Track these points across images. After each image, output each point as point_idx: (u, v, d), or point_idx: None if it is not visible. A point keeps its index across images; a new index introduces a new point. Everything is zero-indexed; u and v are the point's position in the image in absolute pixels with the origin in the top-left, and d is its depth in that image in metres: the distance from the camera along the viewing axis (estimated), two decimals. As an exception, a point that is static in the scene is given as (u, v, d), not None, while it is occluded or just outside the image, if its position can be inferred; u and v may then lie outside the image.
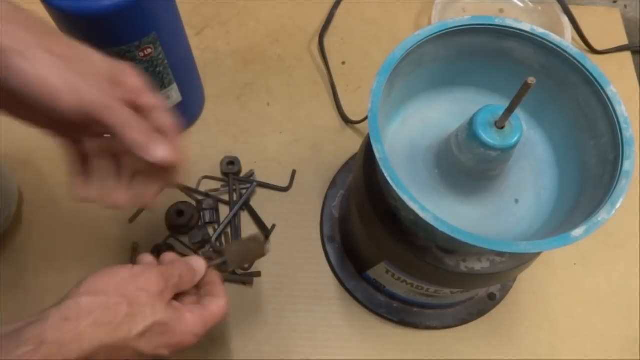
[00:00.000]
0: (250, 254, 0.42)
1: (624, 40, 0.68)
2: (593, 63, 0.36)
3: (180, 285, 0.35)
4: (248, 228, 0.54)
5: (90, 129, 0.31)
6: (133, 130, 0.31)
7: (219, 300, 0.37)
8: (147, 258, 0.37)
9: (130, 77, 0.32)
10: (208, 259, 0.39)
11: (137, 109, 0.32)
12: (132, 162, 0.35)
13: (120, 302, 0.31)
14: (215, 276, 0.39)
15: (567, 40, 0.63)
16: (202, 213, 0.54)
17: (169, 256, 0.38)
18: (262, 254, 0.42)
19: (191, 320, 0.34)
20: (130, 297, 0.31)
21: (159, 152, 0.31)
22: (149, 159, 0.31)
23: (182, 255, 0.39)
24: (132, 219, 0.54)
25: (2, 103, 0.30)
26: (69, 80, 0.28)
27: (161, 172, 0.34)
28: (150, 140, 0.31)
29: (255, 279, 0.52)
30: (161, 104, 0.34)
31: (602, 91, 0.35)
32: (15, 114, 0.31)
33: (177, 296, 0.36)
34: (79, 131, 0.33)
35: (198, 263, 0.38)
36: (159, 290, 0.33)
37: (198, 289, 0.38)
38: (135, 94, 0.32)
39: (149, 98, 0.33)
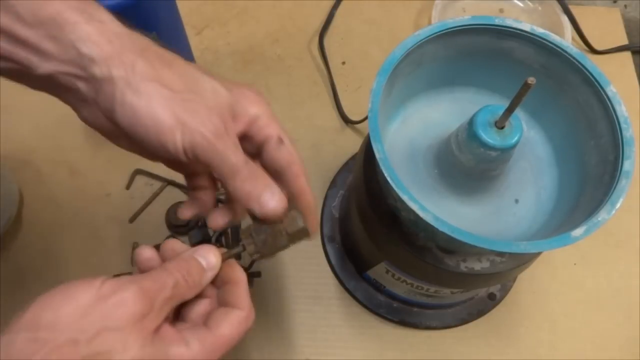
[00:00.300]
0: (281, 237, 0.30)
1: (624, 40, 0.68)
2: (593, 63, 0.36)
3: (180, 294, 0.26)
4: (248, 228, 0.54)
5: (201, 167, 0.29)
6: (240, 179, 0.27)
7: (235, 315, 0.27)
8: (146, 252, 0.28)
9: (252, 106, 0.29)
10: (221, 247, 0.32)
11: (256, 143, 0.30)
12: None
13: (73, 342, 0.22)
14: (237, 272, 0.29)
15: (567, 40, 0.63)
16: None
17: (171, 244, 0.29)
18: (300, 235, 0.30)
19: (187, 356, 0.25)
20: (90, 333, 0.22)
21: (270, 203, 0.28)
22: (257, 212, 0.28)
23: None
24: (132, 219, 0.54)
25: (110, 134, 0.28)
26: (180, 117, 0.25)
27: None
28: (259, 190, 0.28)
29: (255, 279, 0.52)
30: (284, 137, 0.30)
31: (602, 91, 0.35)
32: (125, 146, 0.29)
33: (183, 306, 0.28)
34: (190, 168, 0.31)
35: (209, 256, 0.28)
36: (138, 317, 0.24)
37: (216, 288, 0.29)
38: (256, 128, 0.29)
39: (272, 130, 0.29)
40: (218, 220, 0.32)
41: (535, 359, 0.51)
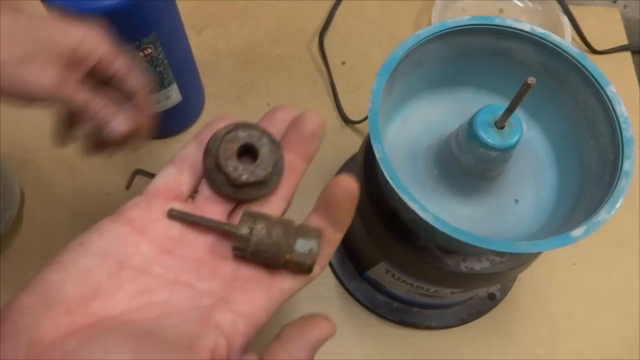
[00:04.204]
0: (281, 251, 0.24)
1: (623, 40, 0.68)
2: (593, 63, 0.36)
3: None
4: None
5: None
6: (89, 114, 0.32)
7: None
8: None
9: (95, 48, 0.32)
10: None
11: (106, 76, 0.33)
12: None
13: None
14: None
15: (567, 40, 0.63)
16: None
17: None
18: (299, 267, 0.25)
19: None
20: None
21: (118, 127, 0.33)
22: (110, 137, 0.33)
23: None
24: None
25: None
26: (15, 73, 0.29)
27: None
28: (107, 119, 0.33)
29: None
30: (130, 66, 0.34)
31: (602, 91, 0.35)
32: None
33: None
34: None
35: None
36: None
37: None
38: (102, 66, 0.33)
39: (116, 66, 0.33)
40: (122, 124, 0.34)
41: (535, 359, 0.51)
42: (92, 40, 0.32)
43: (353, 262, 0.52)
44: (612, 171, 0.33)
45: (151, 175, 0.56)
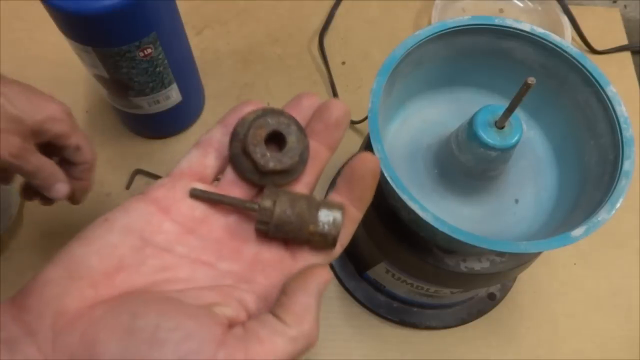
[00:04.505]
0: (302, 226, 0.24)
1: (623, 40, 0.68)
2: (593, 63, 0.36)
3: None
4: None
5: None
6: (39, 177, 0.36)
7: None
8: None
9: (56, 125, 0.36)
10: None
11: (61, 148, 0.37)
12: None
13: None
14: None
15: (567, 40, 0.63)
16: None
17: None
18: (330, 240, 0.24)
19: None
20: None
21: (60, 192, 0.37)
22: (50, 196, 0.37)
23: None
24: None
25: None
26: None
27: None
28: (53, 182, 0.37)
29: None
30: (83, 141, 0.38)
31: (602, 91, 0.35)
32: None
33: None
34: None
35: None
36: None
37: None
38: (60, 141, 0.37)
39: (71, 141, 0.37)
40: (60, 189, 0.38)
41: (536, 359, 0.51)
42: (59, 117, 0.36)
43: (353, 262, 0.52)
44: (612, 171, 0.33)
45: (151, 175, 0.56)
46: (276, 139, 0.26)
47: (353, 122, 0.60)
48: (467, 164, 0.36)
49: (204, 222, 0.25)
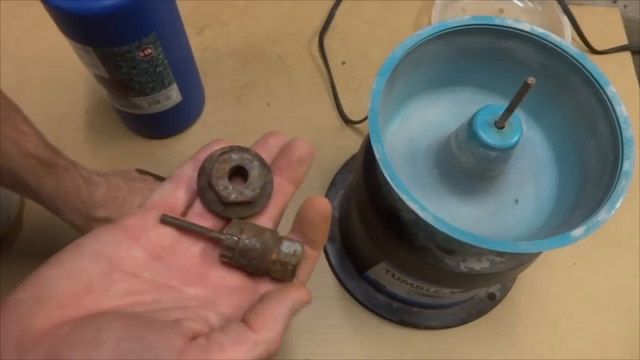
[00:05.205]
0: (264, 257, 0.26)
1: (623, 40, 0.68)
2: (593, 63, 0.36)
3: None
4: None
5: None
6: None
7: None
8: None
9: None
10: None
11: None
12: None
13: None
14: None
15: (567, 40, 0.63)
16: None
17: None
18: (287, 270, 0.26)
19: None
20: None
21: None
22: None
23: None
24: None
25: None
26: None
27: None
28: None
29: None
30: None
31: (602, 91, 0.35)
32: None
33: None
34: None
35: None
36: None
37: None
38: None
39: None
40: None
41: (535, 359, 0.51)
42: None
43: (353, 262, 0.52)
44: (612, 171, 0.33)
45: (151, 175, 0.56)
46: (240, 174, 0.28)
47: (353, 122, 0.60)
48: (467, 164, 0.36)
49: (172, 250, 0.26)
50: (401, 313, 0.51)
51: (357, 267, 0.52)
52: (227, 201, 0.26)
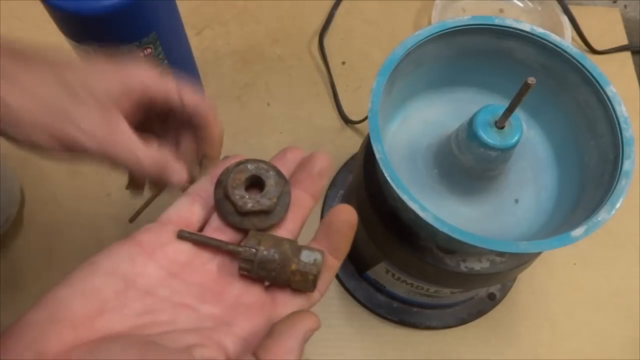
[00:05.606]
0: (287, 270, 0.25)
1: (623, 40, 0.68)
2: (593, 63, 0.36)
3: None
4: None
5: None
6: (138, 168, 0.29)
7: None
8: None
9: (141, 79, 0.29)
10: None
11: (162, 107, 0.30)
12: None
13: None
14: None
15: (567, 40, 0.63)
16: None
17: None
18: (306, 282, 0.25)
19: None
20: None
21: (174, 178, 0.31)
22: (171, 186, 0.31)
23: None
24: (132, 219, 0.54)
25: None
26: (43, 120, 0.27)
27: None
28: (163, 172, 0.30)
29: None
30: (182, 90, 0.30)
31: (602, 91, 0.35)
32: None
33: None
34: None
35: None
36: None
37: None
38: (151, 96, 0.30)
39: (168, 88, 0.30)
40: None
41: (535, 359, 0.51)
42: (135, 72, 0.29)
43: (353, 262, 0.52)
44: (612, 171, 0.33)
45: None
46: (257, 184, 0.27)
47: (353, 122, 0.60)
48: (467, 164, 0.36)
49: (188, 267, 0.25)
50: (401, 313, 0.51)
51: (357, 267, 0.52)
52: (244, 210, 0.26)
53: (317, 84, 0.63)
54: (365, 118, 0.49)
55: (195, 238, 0.26)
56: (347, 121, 0.60)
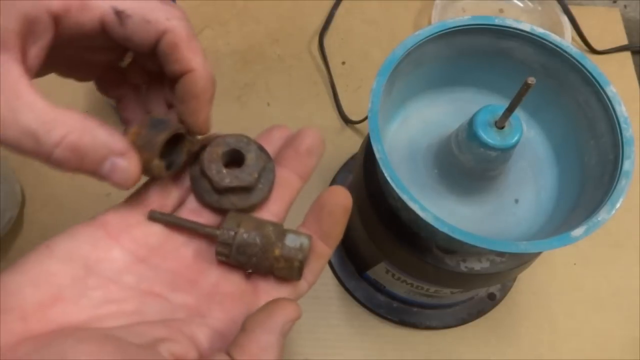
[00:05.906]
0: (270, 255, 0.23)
1: (623, 40, 0.68)
2: (593, 63, 0.36)
3: None
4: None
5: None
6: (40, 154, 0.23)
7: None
8: None
9: (62, 7, 0.22)
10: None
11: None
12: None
13: None
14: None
15: (567, 40, 0.63)
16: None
17: None
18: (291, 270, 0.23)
19: None
20: None
21: (116, 176, 0.22)
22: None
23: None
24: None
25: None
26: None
27: None
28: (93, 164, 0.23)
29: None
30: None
31: (602, 91, 0.35)
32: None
33: None
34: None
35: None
36: None
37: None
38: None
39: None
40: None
41: (535, 359, 0.51)
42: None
43: (353, 262, 0.52)
44: (612, 171, 0.33)
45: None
46: (237, 161, 0.24)
47: (353, 122, 0.60)
48: (467, 164, 0.36)
49: (159, 251, 0.23)
50: (401, 313, 0.51)
51: (357, 267, 0.52)
52: (221, 186, 0.23)
53: (317, 84, 0.63)
54: (365, 118, 0.49)
55: (168, 219, 0.23)
56: (347, 121, 0.60)
